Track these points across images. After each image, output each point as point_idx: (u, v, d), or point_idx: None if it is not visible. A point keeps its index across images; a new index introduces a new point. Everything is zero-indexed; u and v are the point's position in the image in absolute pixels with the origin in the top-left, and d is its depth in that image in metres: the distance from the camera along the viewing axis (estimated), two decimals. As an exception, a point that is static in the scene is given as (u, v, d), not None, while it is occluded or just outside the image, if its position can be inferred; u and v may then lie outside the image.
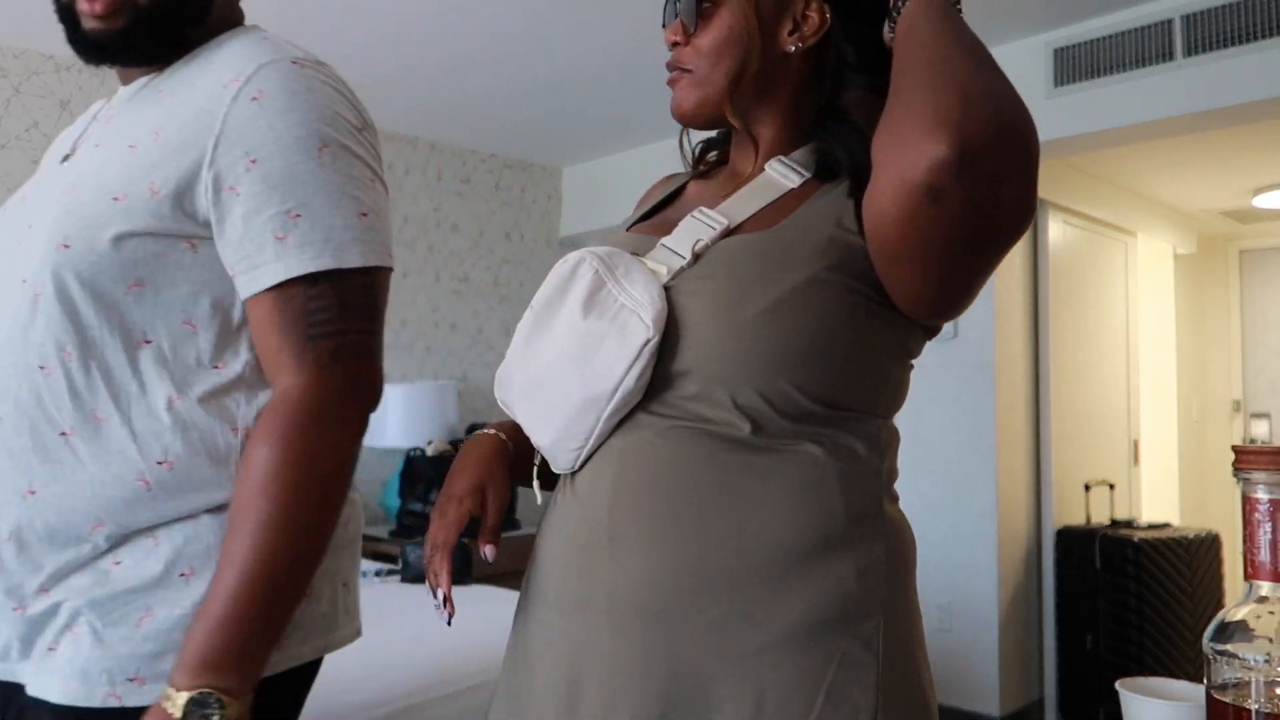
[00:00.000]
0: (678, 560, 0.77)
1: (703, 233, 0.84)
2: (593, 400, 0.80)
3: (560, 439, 0.84)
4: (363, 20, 3.03)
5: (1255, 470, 0.63)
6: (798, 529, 0.77)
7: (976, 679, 3.46)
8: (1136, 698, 0.79)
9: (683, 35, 0.89)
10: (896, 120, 0.73)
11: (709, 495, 0.78)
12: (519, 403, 0.88)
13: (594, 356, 0.79)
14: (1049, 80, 3.11)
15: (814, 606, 0.76)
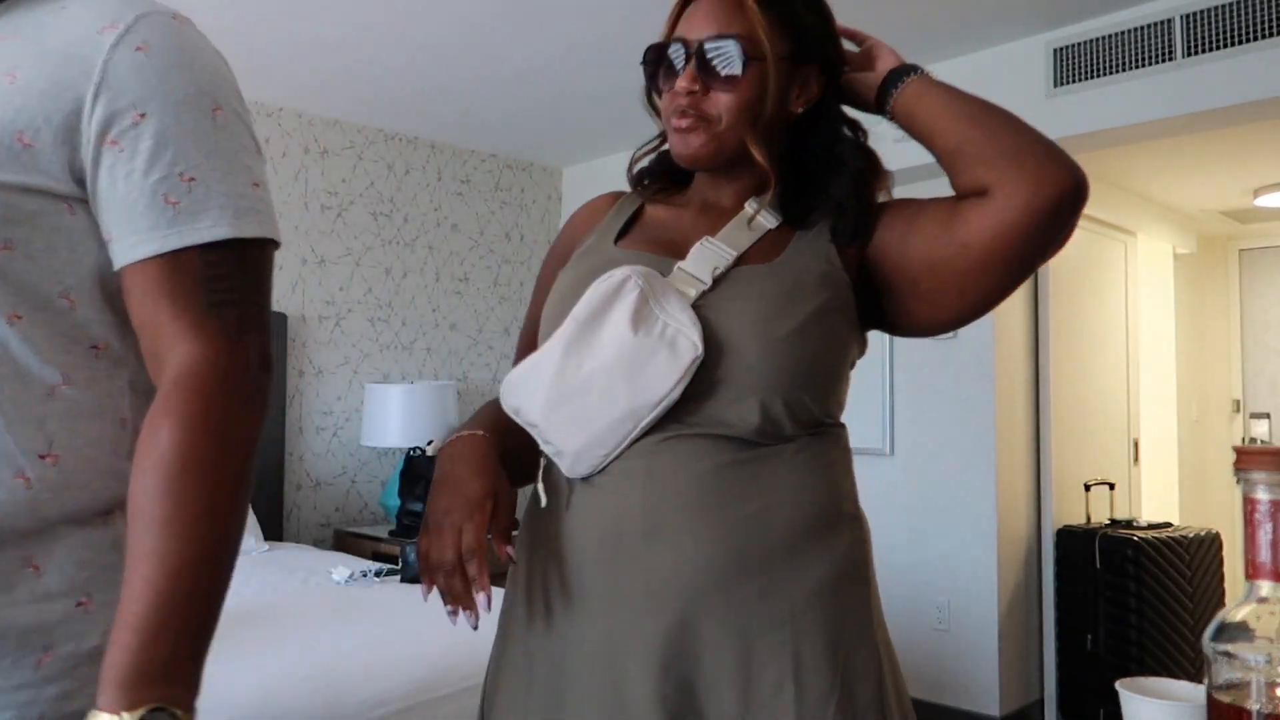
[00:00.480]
0: (714, 546, 0.88)
1: (718, 260, 0.95)
2: (636, 411, 0.88)
3: (591, 445, 0.90)
4: (362, 20, 3.03)
5: (1255, 470, 0.63)
6: (809, 510, 0.92)
7: (976, 679, 3.46)
8: (1136, 698, 0.79)
9: (701, 86, 0.96)
10: (1008, 153, 0.94)
11: (737, 488, 0.89)
12: (542, 410, 0.91)
13: (644, 370, 0.87)
14: (1048, 80, 3.11)
15: (825, 574, 0.92)
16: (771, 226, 1.00)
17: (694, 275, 0.94)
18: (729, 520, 0.88)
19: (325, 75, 3.53)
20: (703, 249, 0.96)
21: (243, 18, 2.99)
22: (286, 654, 1.96)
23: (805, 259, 0.97)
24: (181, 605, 0.72)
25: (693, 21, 0.99)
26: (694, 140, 0.98)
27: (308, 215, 3.95)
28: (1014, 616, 3.52)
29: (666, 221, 1.05)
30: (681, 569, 0.88)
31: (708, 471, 0.89)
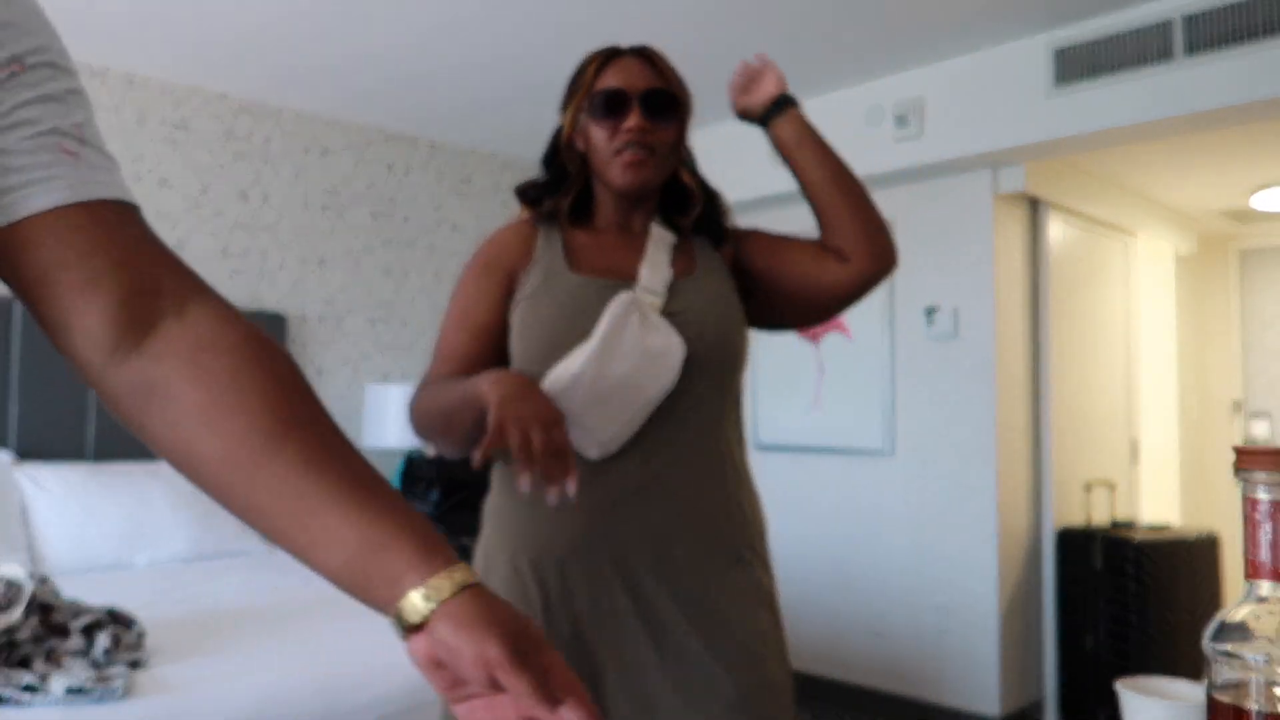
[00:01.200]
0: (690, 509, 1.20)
1: (664, 278, 1.24)
2: (653, 399, 1.16)
3: (621, 432, 1.16)
4: (361, 21, 3.03)
5: (1255, 470, 0.63)
6: (751, 499, 1.29)
7: (976, 679, 3.46)
8: (1136, 698, 0.79)
9: (649, 126, 1.23)
10: (868, 235, 1.28)
11: (713, 470, 1.23)
12: (581, 409, 1.13)
13: (658, 368, 1.16)
14: (1049, 80, 3.11)
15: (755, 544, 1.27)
16: (674, 241, 1.29)
17: (653, 291, 1.21)
18: (695, 490, 1.20)
19: (326, 75, 3.53)
20: (649, 269, 1.23)
21: (244, 18, 2.99)
22: (287, 654, 1.96)
23: (717, 270, 1.29)
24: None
25: (626, 75, 1.24)
26: (644, 171, 1.24)
27: (308, 215, 3.95)
28: (1014, 616, 3.52)
29: (596, 247, 1.28)
30: (667, 518, 1.17)
31: (686, 449, 1.20)
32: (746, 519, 1.25)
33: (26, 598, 1.83)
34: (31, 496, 2.90)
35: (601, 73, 1.26)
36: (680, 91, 1.28)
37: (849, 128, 3.68)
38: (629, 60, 1.26)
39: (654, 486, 1.17)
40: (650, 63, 1.26)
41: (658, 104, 1.23)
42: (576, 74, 1.29)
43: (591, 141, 1.26)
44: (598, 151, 1.25)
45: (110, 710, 1.62)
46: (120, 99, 3.47)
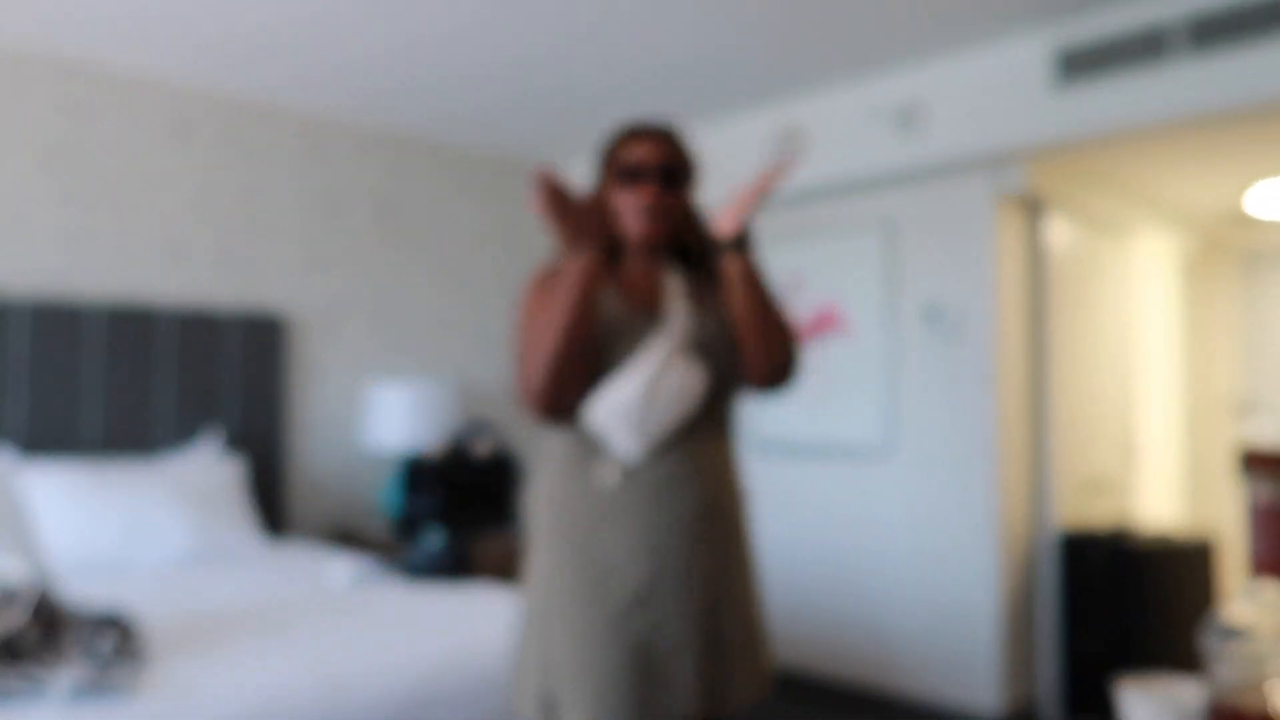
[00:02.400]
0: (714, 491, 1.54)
1: (684, 315, 1.56)
2: (679, 422, 1.51)
3: (647, 449, 1.50)
4: (362, 21, 3.03)
5: (1257, 471, 0.63)
6: (742, 482, 1.64)
7: (976, 679, 3.46)
8: (1137, 697, 0.79)
9: (663, 193, 1.58)
10: (771, 350, 1.57)
11: (726, 461, 1.59)
12: (627, 429, 1.48)
13: (690, 388, 1.51)
14: (1051, 80, 3.11)
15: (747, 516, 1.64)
16: (684, 280, 1.62)
17: (681, 327, 1.54)
18: (717, 478, 1.55)
19: (326, 76, 3.54)
20: (674, 309, 1.55)
21: (244, 19, 2.99)
22: (287, 654, 1.96)
23: (717, 306, 1.59)
24: None
25: (649, 149, 1.58)
26: (657, 227, 1.59)
27: (308, 215, 3.95)
28: (1014, 616, 3.52)
29: (630, 287, 1.60)
30: (696, 508, 1.51)
31: (708, 447, 1.55)
32: (739, 501, 1.60)
33: (28, 598, 1.83)
34: (31, 496, 2.90)
35: (626, 146, 1.60)
36: (688, 164, 1.61)
37: (849, 128, 3.68)
38: (650, 139, 1.60)
39: (682, 477, 1.50)
40: (667, 140, 1.60)
41: (670, 176, 1.58)
42: (608, 144, 1.63)
43: (617, 203, 1.59)
44: (623, 212, 1.59)
45: (110, 710, 1.62)
46: (120, 99, 3.47)
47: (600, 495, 1.51)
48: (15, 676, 1.65)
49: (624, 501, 1.50)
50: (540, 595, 1.53)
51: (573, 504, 1.52)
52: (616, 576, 1.48)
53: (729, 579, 1.54)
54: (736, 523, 1.58)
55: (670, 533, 1.50)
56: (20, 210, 3.25)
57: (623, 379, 1.49)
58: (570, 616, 1.48)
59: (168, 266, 3.56)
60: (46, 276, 3.29)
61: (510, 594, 2.65)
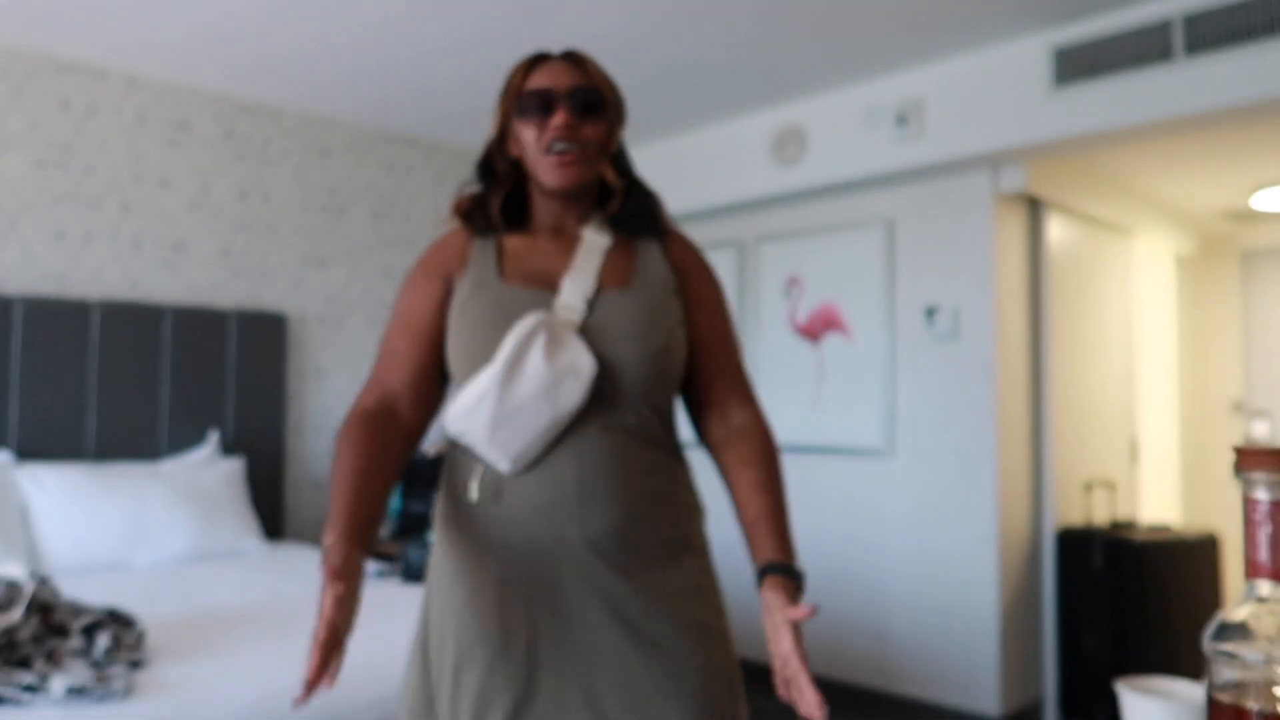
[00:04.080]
0: (632, 508, 1.20)
1: (586, 289, 1.25)
2: (558, 419, 1.18)
3: (526, 449, 1.18)
4: (363, 21, 3.03)
5: (1255, 470, 0.63)
6: (684, 489, 1.29)
7: (976, 679, 3.46)
8: (1136, 698, 0.79)
9: (575, 123, 1.25)
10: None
11: (648, 471, 1.23)
12: (486, 431, 1.18)
13: (560, 390, 1.18)
14: (1049, 80, 3.11)
15: (698, 533, 1.30)
16: (607, 245, 1.30)
17: (572, 305, 1.23)
18: (641, 492, 1.21)
19: (325, 75, 3.54)
20: (572, 281, 1.25)
21: (243, 19, 2.99)
22: (286, 654, 1.96)
23: (656, 279, 1.29)
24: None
25: (552, 76, 1.27)
26: (573, 169, 1.25)
27: (308, 215, 3.96)
28: (1014, 616, 3.52)
29: (528, 252, 1.30)
30: (610, 525, 1.18)
31: (613, 452, 1.20)
32: (680, 515, 1.27)
33: (26, 598, 1.84)
34: (31, 496, 2.90)
35: (529, 75, 1.29)
36: (608, 91, 1.31)
37: (849, 128, 3.68)
38: (556, 63, 1.30)
39: (589, 489, 1.18)
40: (577, 65, 1.30)
41: (584, 102, 1.27)
42: (507, 79, 1.32)
43: (522, 142, 1.29)
44: (528, 151, 1.28)
45: (110, 710, 1.62)
46: (120, 99, 3.47)
47: (469, 515, 1.22)
48: (13, 677, 1.65)
49: (485, 527, 1.21)
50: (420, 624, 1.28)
51: (446, 523, 1.26)
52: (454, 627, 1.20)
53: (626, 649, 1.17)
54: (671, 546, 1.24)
55: (540, 572, 1.18)
56: (20, 210, 3.25)
57: (471, 381, 1.22)
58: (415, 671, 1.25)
59: (167, 266, 3.56)
60: (46, 276, 3.29)
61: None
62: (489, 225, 1.32)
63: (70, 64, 3.36)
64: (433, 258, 1.33)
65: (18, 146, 3.25)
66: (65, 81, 3.35)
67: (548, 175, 1.26)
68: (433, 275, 1.31)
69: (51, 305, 3.19)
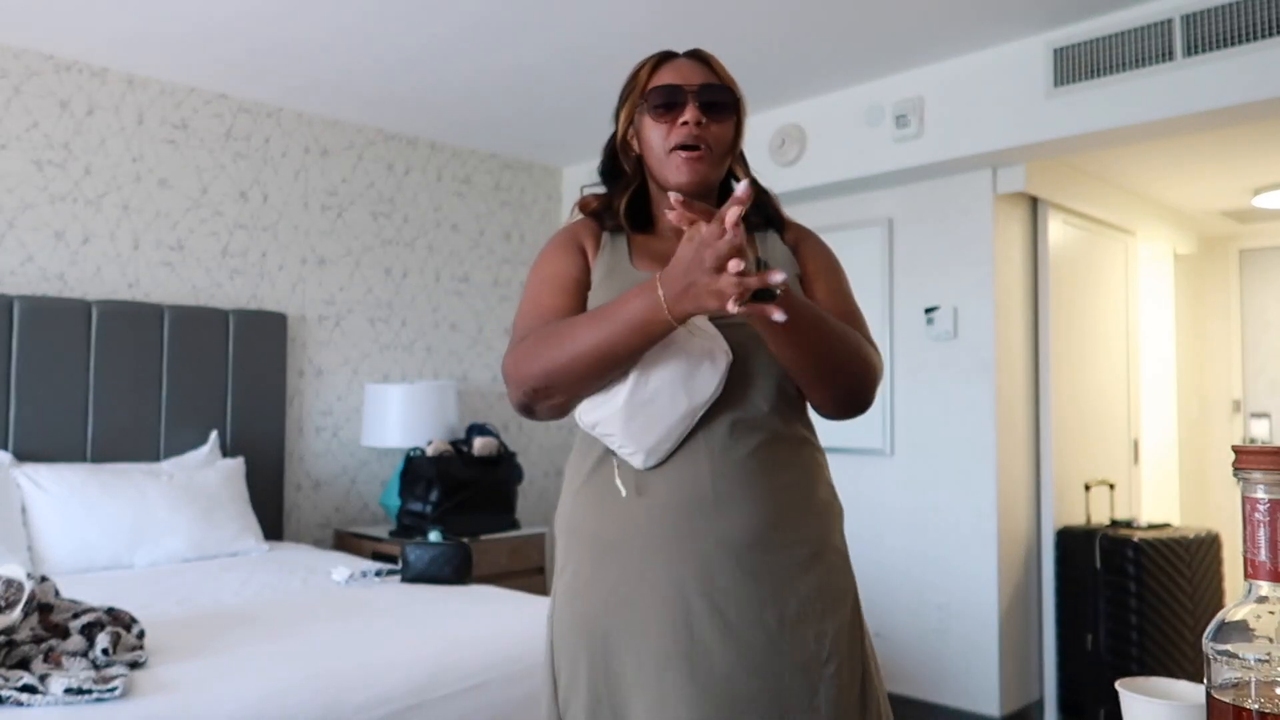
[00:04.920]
0: (769, 512, 1.17)
1: None
2: (694, 409, 1.16)
3: (661, 441, 1.16)
4: (363, 20, 3.03)
5: (1255, 470, 0.63)
6: (823, 486, 1.26)
7: (976, 679, 3.46)
8: (1136, 698, 0.79)
9: (706, 122, 1.24)
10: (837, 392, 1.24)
11: (785, 467, 1.21)
12: (621, 421, 1.15)
13: (695, 378, 1.15)
14: (1049, 80, 3.11)
15: (836, 532, 1.26)
16: None
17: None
18: (776, 490, 1.19)
19: (325, 75, 3.54)
20: None
21: (243, 18, 2.99)
22: (286, 655, 1.96)
23: (778, 263, 1.27)
24: None
25: (680, 73, 1.26)
26: (700, 167, 1.24)
27: (308, 215, 3.95)
28: (1014, 616, 3.52)
29: (659, 249, 1.28)
30: (745, 526, 1.16)
31: (751, 450, 1.18)
32: (821, 515, 1.23)
33: (26, 598, 1.83)
34: (31, 497, 2.90)
35: (656, 72, 1.28)
36: (735, 89, 1.29)
37: (849, 128, 3.68)
38: (683, 60, 1.29)
39: (725, 493, 1.15)
40: (705, 62, 1.29)
41: (713, 100, 1.25)
42: (631, 76, 1.31)
43: (647, 141, 1.27)
44: (653, 150, 1.26)
45: (110, 710, 1.62)
46: (120, 99, 3.47)
47: (610, 515, 1.20)
48: (13, 677, 1.65)
49: (635, 526, 1.18)
50: (549, 630, 1.27)
51: (582, 522, 1.24)
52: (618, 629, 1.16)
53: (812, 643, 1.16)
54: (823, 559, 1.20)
55: (696, 573, 1.15)
56: (19, 209, 3.25)
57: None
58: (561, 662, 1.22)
59: (167, 266, 3.56)
60: (45, 276, 3.29)
61: (509, 595, 2.65)
62: (616, 225, 1.31)
63: (70, 63, 3.36)
64: (565, 237, 1.33)
65: (17, 146, 3.25)
66: (65, 81, 3.35)
67: (674, 173, 1.24)
68: (570, 247, 1.30)
69: (51, 305, 3.19)
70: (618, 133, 1.32)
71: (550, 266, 1.28)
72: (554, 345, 1.14)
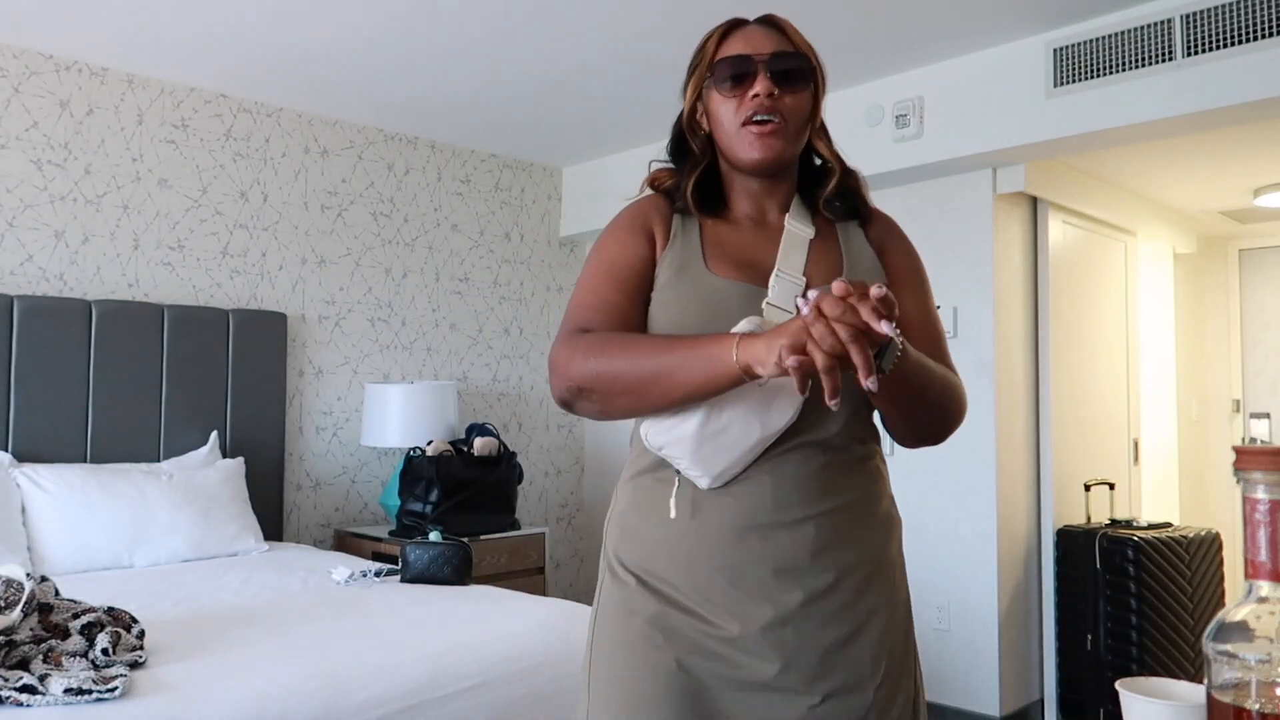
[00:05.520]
0: (828, 533, 1.11)
1: (794, 288, 1.13)
2: (766, 438, 1.08)
3: (730, 467, 1.09)
4: (363, 19, 3.03)
5: (1255, 470, 0.63)
6: (885, 500, 1.20)
7: (976, 679, 3.46)
8: (1136, 698, 0.79)
9: (777, 92, 1.13)
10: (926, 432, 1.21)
11: (836, 484, 1.13)
12: (691, 449, 1.08)
13: (771, 408, 1.07)
14: (1048, 80, 3.11)
15: (896, 542, 1.19)
16: (812, 235, 1.19)
17: (782, 308, 1.11)
18: (836, 507, 1.12)
19: (326, 76, 3.53)
20: (779, 280, 1.13)
21: (243, 19, 2.99)
22: (287, 655, 1.96)
23: (863, 263, 1.19)
24: None
25: (752, 41, 1.16)
26: (775, 142, 1.13)
27: (308, 215, 3.95)
28: (1014, 616, 3.52)
29: (733, 242, 1.19)
30: (800, 548, 1.09)
31: (814, 471, 1.11)
32: (881, 535, 1.17)
33: (26, 598, 1.83)
34: (31, 497, 2.90)
35: (724, 42, 1.18)
36: (813, 57, 1.18)
37: (849, 128, 3.68)
38: (754, 28, 1.19)
39: (785, 514, 1.09)
40: (778, 29, 1.18)
41: (786, 69, 1.14)
42: (699, 47, 1.21)
43: (716, 117, 1.17)
44: (723, 126, 1.16)
45: (110, 710, 1.62)
46: (120, 99, 3.47)
47: (659, 533, 1.13)
48: (12, 677, 1.65)
49: (678, 544, 1.11)
50: (591, 641, 1.19)
51: (635, 530, 1.17)
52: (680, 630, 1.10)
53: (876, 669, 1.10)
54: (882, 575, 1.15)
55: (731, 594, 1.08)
56: (19, 209, 3.25)
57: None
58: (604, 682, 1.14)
59: (167, 266, 3.56)
60: (45, 275, 3.29)
61: (509, 595, 2.65)
62: (686, 208, 1.20)
63: (70, 63, 3.36)
64: (634, 214, 1.21)
65: (17, 146, 3.25)
66: (65, 81, 3.35)
67: (746, 150, 1.14)
68: (636, 230, 1.19)
69: (50, 305, 3.19)
70: (685, 110, 1.22)
71: (614, 250, 1.18)
72: (614, 357, 1.07)
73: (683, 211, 1.20)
